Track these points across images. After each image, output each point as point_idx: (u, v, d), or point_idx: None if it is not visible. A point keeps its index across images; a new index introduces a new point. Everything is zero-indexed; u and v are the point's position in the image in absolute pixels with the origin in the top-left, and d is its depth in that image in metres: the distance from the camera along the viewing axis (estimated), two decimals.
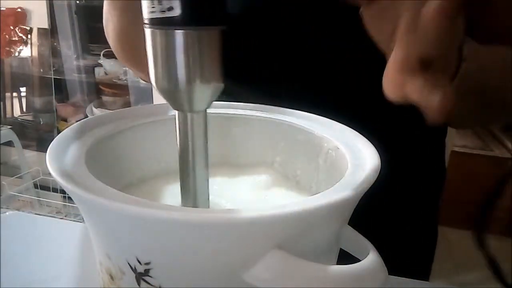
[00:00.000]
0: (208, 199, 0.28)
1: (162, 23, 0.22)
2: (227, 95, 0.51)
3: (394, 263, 0.37)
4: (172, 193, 0.32)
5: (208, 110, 0.26)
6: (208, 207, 0.28)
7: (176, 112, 0.25)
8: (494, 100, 0.39)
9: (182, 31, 0.22)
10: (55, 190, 1.73)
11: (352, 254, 0.23)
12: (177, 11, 0.21)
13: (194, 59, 0.22)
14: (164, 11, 0.21)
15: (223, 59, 0.24)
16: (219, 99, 0.26)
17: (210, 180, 0.27)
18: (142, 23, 0.23)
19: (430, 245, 0.57)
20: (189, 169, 0.26)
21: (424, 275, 0.55)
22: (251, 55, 0.49)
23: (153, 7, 0.22)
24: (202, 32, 0.22)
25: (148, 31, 0.23)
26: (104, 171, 0.26)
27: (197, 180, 0.26)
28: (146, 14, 0.22)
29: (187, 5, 0.21)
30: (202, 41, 0.22)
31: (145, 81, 0.60)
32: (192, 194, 0.26)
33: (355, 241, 0.23)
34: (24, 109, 2.28)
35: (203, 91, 0.24)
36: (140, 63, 0.51)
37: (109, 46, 0.52)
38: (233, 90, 0.52)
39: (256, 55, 0.50)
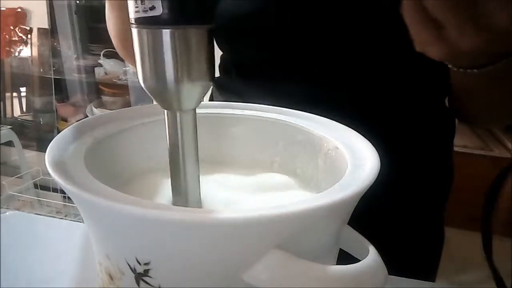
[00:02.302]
0: (200, 198, 0.27)
1: (146, 23, 0.22)
2: (238, 96, 0.52)
3: (400, 264, 0.37)
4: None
5: (208, 111, 0.26)
6: (200, 206, 0.28)
7: (165, 112, 0.25)
8: None
9: (167, 30, 0.22)
10: (55, 190, 1.73)
11: (352, 254, 0.23)
12: (158, 10, 0.21)
13: (180, 58, 0.22)
14: (146, 11, 0.21)
15: (213, 57, 0.24)
16: (229, 99, 0.26)
17: (210, 180, 0.27)
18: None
19: (437, 246, 0.56)
20: (179, 168, 0.26)
21: (430, 275, 0.55)
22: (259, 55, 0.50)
23: (136, 7, 0.22)
24: (187, 31, 0.22)
25: (134, 31, 0.23)
26: (103, 171, 0.26)
27: (188, 179, 0.26)
28: (131, 14, 0.22)
29: (170, 4, 0.21)
30: (187, 40, 0.22)
31: None
32: (183, 193, 0.26)
33: (355, 241, 0.23)
34: (24, 109, 2.28)
35: (191, 90, 0.23)
36: None
37: (109, 46, 0.53)
38: (242, 90, 0.52)
39: (261, 54, 0.50)
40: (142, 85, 0.24)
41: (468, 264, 1.44)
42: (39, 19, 1.94)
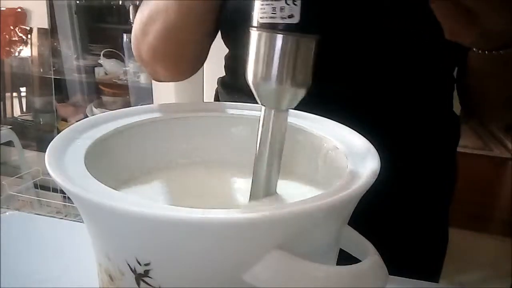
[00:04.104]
0: (276, 193, 0.29)
1: (272, 28, 0.24)
2: (244, 95, 0.51)
3: (404, 264, 0.37)
4: (172, 192, 0.32)
5: (209, 111, 0.26)
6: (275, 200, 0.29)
7: (262, 108, 0.27)
8: None
9: (285, 35, 0.24)
10: (55, 190, 1.73)
11: (352, 255, 0.23)
12: (296, 19, 0.24)
13: (291, 62, 0.25)
14: (285, 18, 0.24)
15: (314, 67, 0.26)
16: (235, 99, 0.26)
17: (210, 180, 0.27)
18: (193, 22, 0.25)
19: (440, 247, 0.56)
20: (263, 161, 0.28)
21: (433, 276, 0.55)
22: None
23: (273, 13, 0.24)
24: (299, 39, 0.25)
25: (254, 34, 0.25)
26: (103, 171, 0.26)
27: (270, 172, 0.28)
28: (259, 19, 0.25)
29: (305, 14, 0.24)
30: (298, 46, 0.25)
31: (163, 81, 0.61)
32: (263, 186, 0.28)
33: (355, 241, 0.23)
34: (24, 109, 2.28)
35: (292, 93, 0.26)
36: (180, 60, 0.54)
37: (109, 46, 0.52)
38: (248, 90, 0.52)
39: None
40: (250, 81, 0.26)
41: (468, 264, 1.44)
42: (39, 19, 1.94)
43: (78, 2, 1.99)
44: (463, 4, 0.27)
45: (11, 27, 1.95)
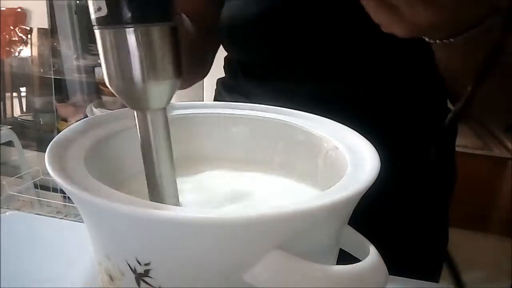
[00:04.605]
0: (178, 199, 0.27)
1: (106, 23, 0.22)
2: (244, 96, 0.52)
3: (404, 264, 0.37)
4: None
5: (208, 111, 0.26)
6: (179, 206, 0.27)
7: (134, 112, 0.25)
8: None
9: (129, 29, 0.22)
10: (55, 190, 1.73)
11: (352, 254, 0.23)
12: (103, 12, 0.21)
13: (144, 57, 0.22)
14: (96, 12, 0.21)
15: (179, 55, 0.24)
16: (235, 100, 0.25)
17: (210, 180, 0.27)
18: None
19: (440, 246, 0.56)
20: (154, 168, 0.25)
21: (434, 276, 0.55)
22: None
23: (92, 7, 0.22)
24: (149, 29, 0.22)
25: (97, 32, 0.23)
26: (103, 171, 0.26)
27: (163, 179, 0.26)
28: (92, 15, 0.22)
29: (130, 4, 0.21)
30: (149, 38, 0.22)
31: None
32: (160, 194, 0.26)
33: (355, 241, 0.23)
34: (24, 109, 2.28)
35: (159, 89, 0.23)
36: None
37: None
38: (248, 91, 0.52)
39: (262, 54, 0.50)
40: (109, 86, 0.24)
41: (468, 264, 1.44)
42: (39, 19, 1.94)
43: (78, 2, 1.99)
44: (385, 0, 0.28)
45: (11, 27, 1.95)
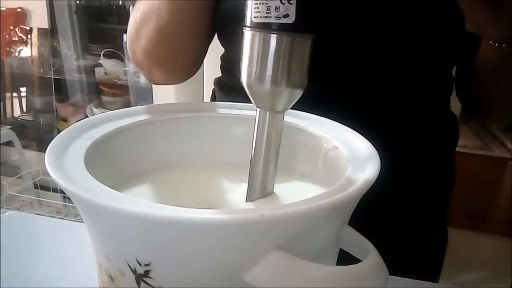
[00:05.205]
0: (273, 193, 0.29)
1: (265, 27, 0.24)
2: (241, 96, 0.51)
3: (403, 264, 0.37)
4: (172, 192, 0.32)
5: (208, 111, 0.26)
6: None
7: (257, 109, 0.27)
8: None
9: (279, 35, 0.24)
10: (55, 190, 1.73)
11: (353, 255, 0.23)
12: (291, 18, 0.23)
13: (289, 63, 0.24)
14: (279, 17, 0.23)
15: (310, 67, 0.26)
16: (232, 99, 0.26)
17: (210, 180, 0.27)
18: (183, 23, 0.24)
19: (440, 247, 0.56)
20: (259, 163, 0.28)
21: (433, 276, 0.55)
22: None
23: (268, 12, 0.23)
24: (294, 39, 0.24)
25: (247, 34, 0.25)
26: (103, 171, 0.26)
27: (266, 173, 0.28)
28: (253, 18, 0.24)
29: (300, 14, 0.23)
30: (292, 47, 0.24)
31: (160, 84, 0.60)
32: (260, 187, 0.28)
33: (356, 241, 0.23)
34: (24, 109, 2.27)
35: (288, 95, 0.25)
36: (175, 62, 0.53)
37: (109, 46, 0.52)
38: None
39: None
40: (244, 83, 0.26)
41: (468, 264, 1.44)
42: (39, 19, 1.94)
43: (78, 2, 1.99)
44: None
45: (11, 27, 1.95)
